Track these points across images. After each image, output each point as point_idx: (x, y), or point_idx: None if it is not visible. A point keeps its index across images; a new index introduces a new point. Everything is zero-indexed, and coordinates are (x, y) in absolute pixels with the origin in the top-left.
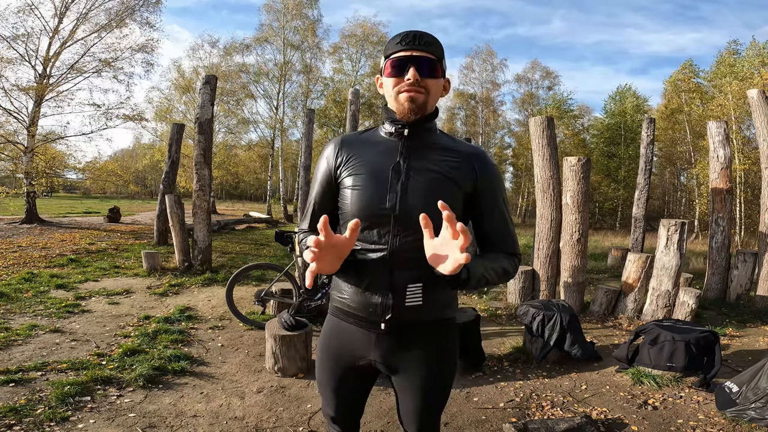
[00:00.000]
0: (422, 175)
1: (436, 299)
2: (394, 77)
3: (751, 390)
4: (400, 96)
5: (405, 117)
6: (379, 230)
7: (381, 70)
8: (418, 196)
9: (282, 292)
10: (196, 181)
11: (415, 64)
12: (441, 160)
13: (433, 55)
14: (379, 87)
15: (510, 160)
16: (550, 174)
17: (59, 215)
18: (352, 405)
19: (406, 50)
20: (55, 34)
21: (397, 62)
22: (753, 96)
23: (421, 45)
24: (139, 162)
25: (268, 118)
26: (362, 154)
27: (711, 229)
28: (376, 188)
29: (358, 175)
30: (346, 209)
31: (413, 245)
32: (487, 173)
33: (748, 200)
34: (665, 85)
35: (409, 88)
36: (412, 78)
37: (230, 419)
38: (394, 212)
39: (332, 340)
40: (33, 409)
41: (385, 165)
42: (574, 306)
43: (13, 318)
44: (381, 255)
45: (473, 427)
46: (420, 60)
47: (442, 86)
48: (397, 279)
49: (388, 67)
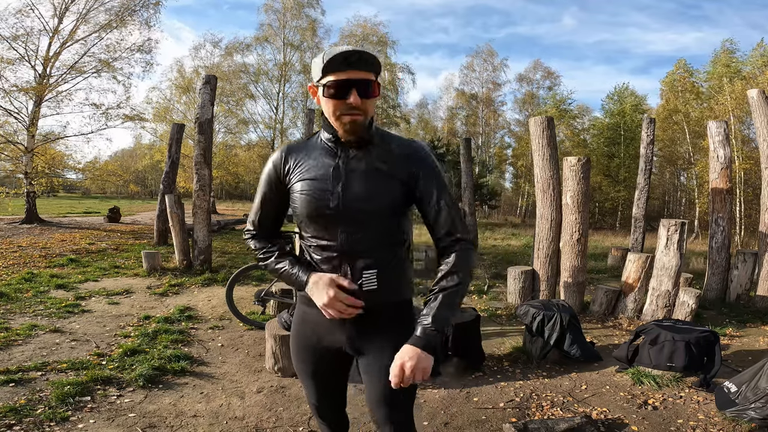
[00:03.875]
0: (360, 175)
1: (391, 283)
2: (336, 99)
3: (751, 390)
4: (342, 118)
5: (347, 137)
6: (328, 228)
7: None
8: (357, 194)
9: (282, 292)
10: (196, 181)
11: (356, 88)
12: (377, 156)
13: (372, 75)
14: (313, 95)
15: (510, 160)
16: (550, 174)
17: (59, 215)
18: (333, 391)
19: (348, 72)
20: (55, 34)
21: (339, 85)
22: (753, 96)
23: (360, 65)
24: (139, 162)
25: (268, 118)
26: (306, 160)
27: (711, 229)
28: (320, 191)
29: (303, 181)
30: (297, 211)
31: (362, 238)
32: (422, 164)
33: (748, 200)
34: (661, 85)
35: (350, 112)
36: (354, 103)
37: (230, 419)
38: (338, 211)
39: (303, 326)
40: (33, 409)
41: (326, 169)
42: (574, 306)
43: (13, 318)
44: (334, 250)
45: (473, 427)
46: (361, 83)
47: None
48: (352, 268)
49: (330, 89)
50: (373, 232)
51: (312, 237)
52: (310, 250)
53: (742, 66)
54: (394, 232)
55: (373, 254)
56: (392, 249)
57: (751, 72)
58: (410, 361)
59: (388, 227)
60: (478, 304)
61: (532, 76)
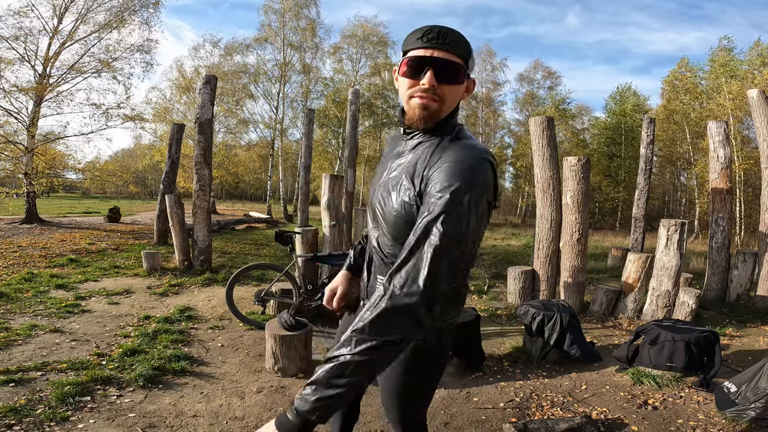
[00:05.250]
0: (397, 172)
1: None
2: (410, 78)
3: (751, 390)
4: (411, 101)
5: (414, 124)
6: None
7: (398, 64)
8: (381, 193)
9: (282, 292)
10: (196, 181)
11: (433, 68)
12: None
13: (456, 57)
14: (396, 80)
15: (510, 160)
16: (550, 174)
17: (59, 215)
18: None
19: (426, 49)
20: (54, 34)
21: (415, 62)
22: (753, 96)
23: (444, 44)
24: (139, 162)
25: (268, 118)
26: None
27: (711, 229)
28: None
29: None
30: None
31: (379, 238)
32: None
33: (748, 200)
34: (663, 84)
35: (422, 94)
36: (427, 84)
37: (230, 419)
38: (371, 206)
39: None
40: (33, 409)
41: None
42: (574, 306)
43: (13, 318)
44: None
45: (473, 427)
46: (440, 63)
47: (462, 90)
48: (372, 266)
49: (404, 66)
50: (385, 237)
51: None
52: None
53: (739, 65)
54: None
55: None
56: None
57: (749, 71)
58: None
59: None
60: (478, 304)
61: (532, 76)
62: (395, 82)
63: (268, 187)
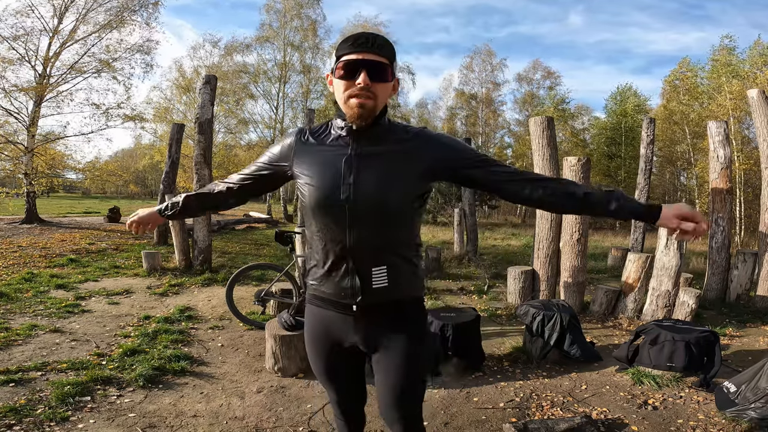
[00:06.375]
0: (373, 165)
1: (401, 280)
2: (345, 80)
3: (751, 390)
4: (350, 101)
5: (354, 122)
6: (336, 222)
7: (332, 69)
8: (370, 185)
9: (282, 292)
10: (196, 181)
11: (366, 69)
12: (391, 142)
13: (384, 59)
14: (329, 84)
15: (510, 160)
16: (550, 174)
17: (59, 215)
18: (350, 384)
19: (357, 53)
20: (54, 34)
21: (349, 65)
22: (753, 96)
23: (373, 48)
24: (139, 162)
25: (268, 118)
26: (317, 149)
27: (711, 229)
28: (331, 182)
29: (312, 170)
30: (306, 203)
31: (371, 233)
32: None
33: (748, 200)
34: (663, 84)
35: (359, 93)
36: (362, 83)
37: (230, 419)
38: (348, 203)
39: (315, 326)
40: (33, 409)
41: (337, 159)
42: (574, 306)
43: (13, 318)
44: (341, 245)
45: (473, 427)
46: (371, 64)
47: (391, 88)
48: (361, 264)
49: (340, 70)
50: (385, 227)
51: (319, 231)
52: (316, 244)
53: (741, 65)
54: (407, 227)
55: (384, 250)
56: (404, 244)
57: (750, 71)
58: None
59: (402, 222)
60: (478, 304)
61: (531, 75)
62: (329, 86)
63: None
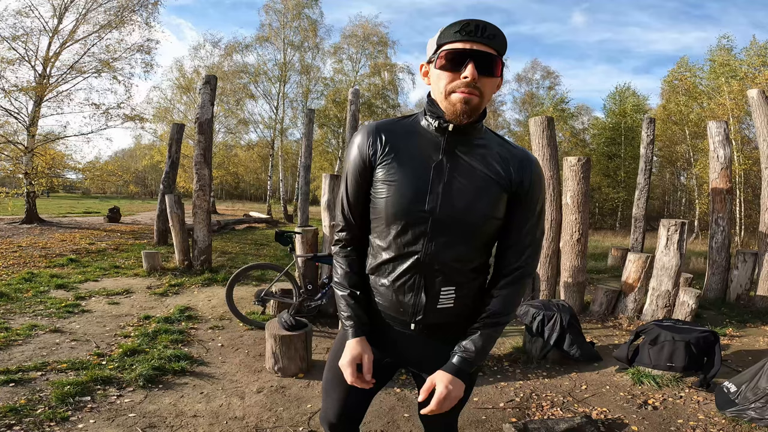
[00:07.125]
0: (466, 177)
1: (466, 302)
2: (449, 72)
3: (751, 390)
4: (452, 96)
5: (455, 119)
6: (414, 232)
7: (431, 59)
8: (460, 199)
9: (282, 292)
10: (196, 181)
11: (474, 61)
12: (487, 160)
13: (494, 51)
14: (424, 76)
15: None
16: (550, 174)
17: (59, 215)
18: (355, 411)
19: (465, 42)
20: (54, 34)
21: (456, 56)
22: (753, 96)
23: (483, 38)
24: (139, 162)
25: (268, 118)
26: (400, 145)
27: (711, 229)
28: (416, 187)
29: (394, 170)
30: (380, 206)
31: (450, 248)
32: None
33: (748, 200)
34: (662, 84)
35: (464, 89)
36: (470, 77)
37: (230, 419)
38: (433, 215)
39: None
40: (33, 409)
41: (425, 162)
42: (574, 306)
43: (13, 318)
44: (415, 258)
45: (473, 427)
46: (480, 56)
47: (497, 85)
48: (431, 282)
49: (443, 59)
50: (464, 245)
51: (386, 240)
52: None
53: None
54: (484, 246)
55: (459, 270)
56: (476, 265)
57: (748, 71)
58: (451, 387)
59: (481, 241)
60: None
61: (531, 75)
62: (423, 78)
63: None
